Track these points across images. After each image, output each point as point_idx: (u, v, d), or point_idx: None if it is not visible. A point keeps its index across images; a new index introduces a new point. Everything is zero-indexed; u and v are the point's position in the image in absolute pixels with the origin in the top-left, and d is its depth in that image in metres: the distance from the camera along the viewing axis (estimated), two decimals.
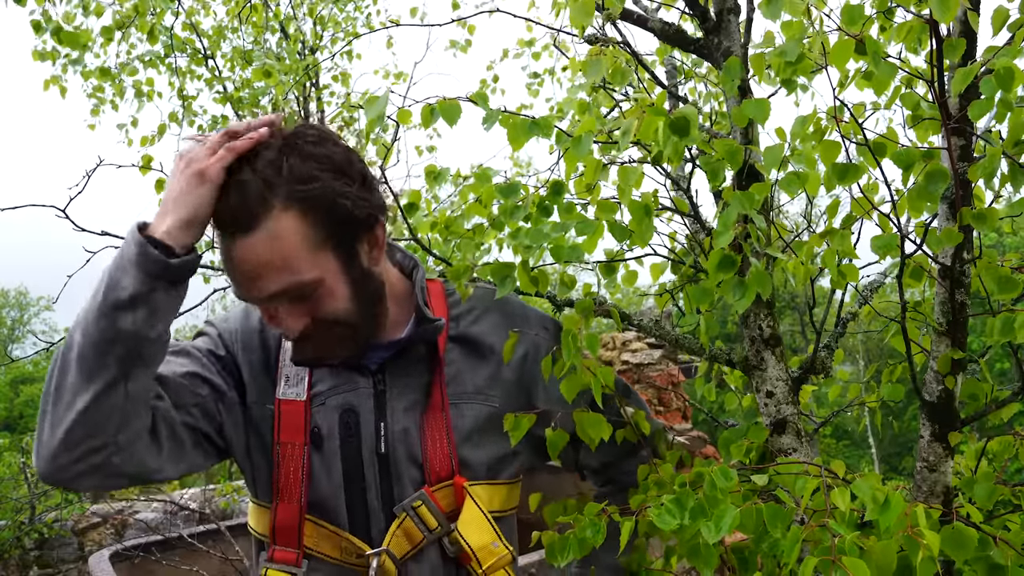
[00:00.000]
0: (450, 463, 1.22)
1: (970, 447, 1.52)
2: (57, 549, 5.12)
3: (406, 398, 1.23)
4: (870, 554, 0.91)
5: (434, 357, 1.25)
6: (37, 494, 5.39)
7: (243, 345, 1.26)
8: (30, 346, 36.52)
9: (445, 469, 1.21)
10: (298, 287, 1.09)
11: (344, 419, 1.21)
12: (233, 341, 1.26)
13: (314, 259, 1.09)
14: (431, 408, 1.22)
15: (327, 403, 1.22)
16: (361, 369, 1.23)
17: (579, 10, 1.37)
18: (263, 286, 1.08)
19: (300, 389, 1.22)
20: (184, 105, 5.41)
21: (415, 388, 1.24)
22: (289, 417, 1.21)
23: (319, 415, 1.21)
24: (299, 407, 1.21)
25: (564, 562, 1.14)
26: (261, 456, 1.23)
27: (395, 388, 1.23)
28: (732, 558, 1.12)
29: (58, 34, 3.51)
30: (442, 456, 1.21)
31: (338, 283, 1.12)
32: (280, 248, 1.06)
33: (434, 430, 1.22)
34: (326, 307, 1.12)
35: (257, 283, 1.08)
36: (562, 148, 1.29)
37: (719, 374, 1.90)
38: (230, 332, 1.28)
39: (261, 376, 1.24)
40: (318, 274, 1.10)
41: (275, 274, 1.07)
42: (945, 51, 1.18)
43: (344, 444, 1.20)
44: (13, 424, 27.34)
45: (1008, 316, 1.25)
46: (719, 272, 1.20)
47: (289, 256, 1.07)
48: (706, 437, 5.69)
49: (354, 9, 6.27)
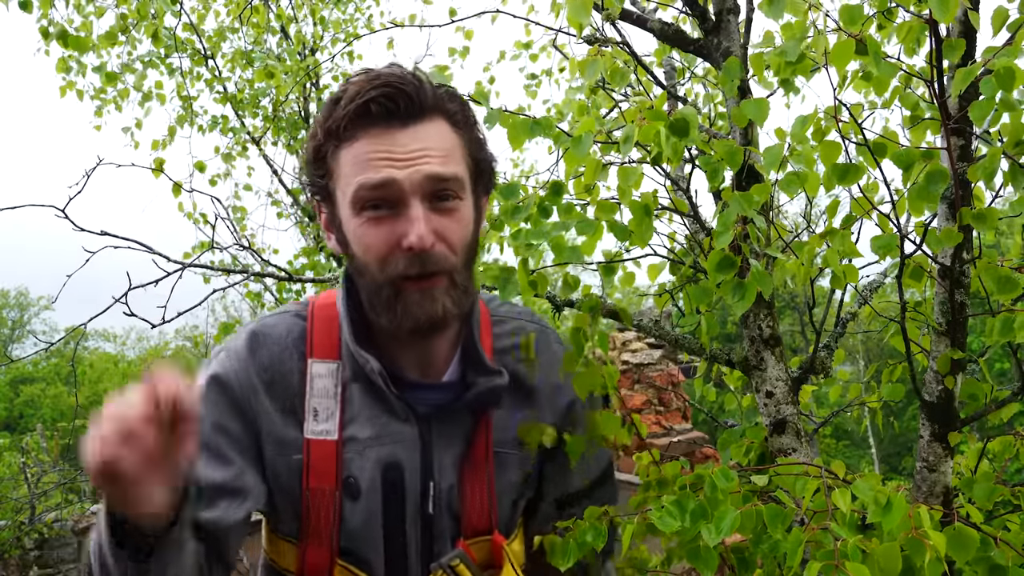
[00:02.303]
0: (489, 519, 1.15)
1: (970, 447, 1.52)
2: (57, 549, 5.13)
3: (452, 451, 1.13)
4: (873, 557, 0.91)
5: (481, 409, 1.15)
6: (37, 494, 5.39)
7: (264, 385, 1.10)
8: (30, 346, 36.60)
9: (483, 523, 1.15)
10: (459, 182, 1.03)
11: (388, 476, 1.10)
12: (248, 385, 1.10)
13: (465, 170, 1.05)
14: (473, 460, 1.13)
15: (366, 453, 1.10)
16: (407, 416, 1.11)
17: (576, 8, 1.36)
18: (439, 169, 1.01)
19: (331, 426, 1.10)
20: (185, 106, 5.41)
21: (459, 437, 1.13)
22: (319, 461, 1.10)
23: (354, 464, 1.09)
24: (330, 450, 1.09)
25: (566, 565, 1.12)
26: (286, 501, 1.12)
27: (441, 439, 1.12)
28: (732, 557, 1.12)
29: (64, 38, 3.51)
30: (481, 511, 1.14)
31: (467, 212, 1.06)
32: (448, 140, 1.04)
33: (474, 483, 1.13)
34: (456, 229, 1.04)
35: (426, 162, 1.01)
36: (562, 148, 1.29)
37: (719, 374, 1.90)
38: (242, 375, 1.10)
39: (284, 419, 1.10)
40: (467, 184, 1.05)
41: (448, 160, 1.02)
42: (945, 51, 1.18)
43: (387, 503, 1.11)
44: (13, 424, 27.33)
45: (1008, 316, 1.25)
46: (718, 273, 1.20)
47: (455, 149, 1.04)
48: (706, 437, 5.69)
49: (355, 10, 6.28)
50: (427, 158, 1.01)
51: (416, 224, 0.99)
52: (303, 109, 6.48)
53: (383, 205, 1.01)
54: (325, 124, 1.03)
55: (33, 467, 5.94)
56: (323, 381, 1.11)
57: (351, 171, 1.01)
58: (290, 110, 6.24)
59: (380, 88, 1.00)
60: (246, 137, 5.90)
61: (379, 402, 1.11)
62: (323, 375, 1.11)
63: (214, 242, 2.79)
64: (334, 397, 1.11)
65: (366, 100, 0.99)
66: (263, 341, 1.12)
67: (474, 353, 1.12)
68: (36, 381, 29.70)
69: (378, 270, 1.03)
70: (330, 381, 1.11)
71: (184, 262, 2.25)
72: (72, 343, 3.05)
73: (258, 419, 1.10)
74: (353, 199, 1.01)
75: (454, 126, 1.05)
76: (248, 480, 1.09)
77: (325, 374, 1.11)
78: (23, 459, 5.99)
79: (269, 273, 2.85)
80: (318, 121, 1.05)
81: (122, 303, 2.06)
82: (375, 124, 1.01)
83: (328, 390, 1.11)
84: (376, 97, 1.00)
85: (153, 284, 2.21)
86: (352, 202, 1.02)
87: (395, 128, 1.01)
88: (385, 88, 1.00)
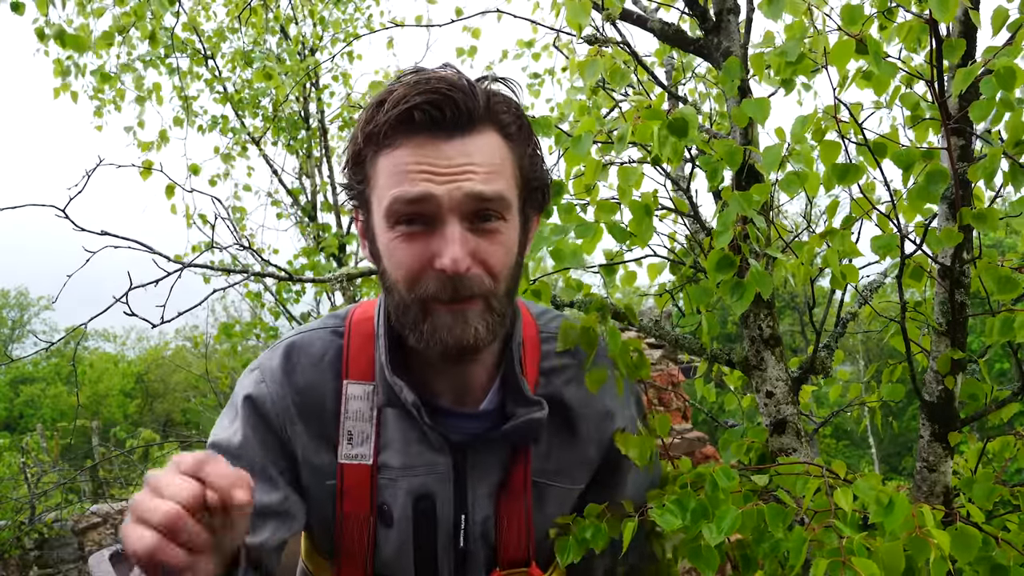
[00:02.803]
0: (526, 552, 1.11)
1: (970, 447, 1.52)
2: (57, 549, 5.12)
3: (488, 481, 1.08)
4: (877, 555, 0.91)
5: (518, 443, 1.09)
6: (37, 494, 5.39)
7: (298, 410, 1.06)
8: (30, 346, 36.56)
9: (520, 555, 1.11)
10: (504, 202, 0.95)
11: (419, 506, 1.06)
12: (284, 410, 1.07)
13: (513, 188, 0.98)
14: (511, 490, 1.08)
15: (398, 482, 1.06)
16: (440, 446, 1.07)
17: (576, 10, 1.37)
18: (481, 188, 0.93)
19: (366, 450, 1.06)
20: (184, 106, 5.42)
21: (496, 467, 1.08)
22: (353, 487, 1.06)
23: (387, 491, 1.06)
24: (364, 474, 1.06)
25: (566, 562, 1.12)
26: (320, 525, 1.10)
27: (476, 469, 1.08)
28: (736, 554, 1.12)
29: (61, 38, 3.50)
30: (519, 543, 1.10)
31: (513, 234, 0.98)
32: (496, 154, 0.96)
33: (511, 513, 1.09)
34: (497, 253, 0.96)
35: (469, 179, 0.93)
36: (562, 148, 1.29)
37: (719, 374, 1.91)
38: (278, 400, 1.07)
39: (318, 444, 1.07)
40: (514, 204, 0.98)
41: (493, 176, 0.94)
42: (945, 51, 1.18)
43: (418, 532, 1.07)
44: (13, 424, 27.34)
45: (1008, 316, 1.25)
46: (718, 273, 1.20)
47: (503, 164, 0.96)
48: (706, 437, 5.69)
49: (354, 10, 6.28)
50: (470, 174, 0.93)
51: (451, 245, 0.92)
52: (303, 109, 6.48)
53: (418, 221, 0.94)
54: (366, 128, 0.96)
55: (33, 467, 5.95)
56: (358, 403, 1.07)
57: (388, 181, 0.95)
58: (290, 110, 6.24)
59: (427, 94, 0.92)
60: (246, 137, 5.90)
61: (413, 429, 1.07)
62: (359, 397, 1.07)
63: (214, 242, 2.80)
64: (369, 420, 1.07)
65: (411, 106, 0.92)
66: (298, 361, 1.08)
67: (513, 382, 1.06)
68: (36, 381, 29.70)
69: (407, 289, 0.97)
70: (365, 404, 1.07)
71: (184, 262, 2.25)
72: (72, 343, 3.05)
73: (293, 441, 1.07)
74: (387, 211, 0.95)
75: (506, 139, 0.98)
76: (292, 503, 1.07)
77: (361, 396, 1.07)
78: (23, 459, 5.99)
79: (269, 273, 2.85)
80: (359, 124, 0.98)
81: (122, 303, 2.06)
82: (418, 132, 0.93)
83: (363, 413, 1.07)
84: (421, 104, 0.92)
85: (153, 284, 2.21)
86: (386, 214, 0.95)
87: (440, 139, 0.93)
88: (432, 95, 0.92)
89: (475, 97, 0.94)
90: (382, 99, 0.96)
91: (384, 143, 0.95)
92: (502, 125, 0.97)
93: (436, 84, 0.93)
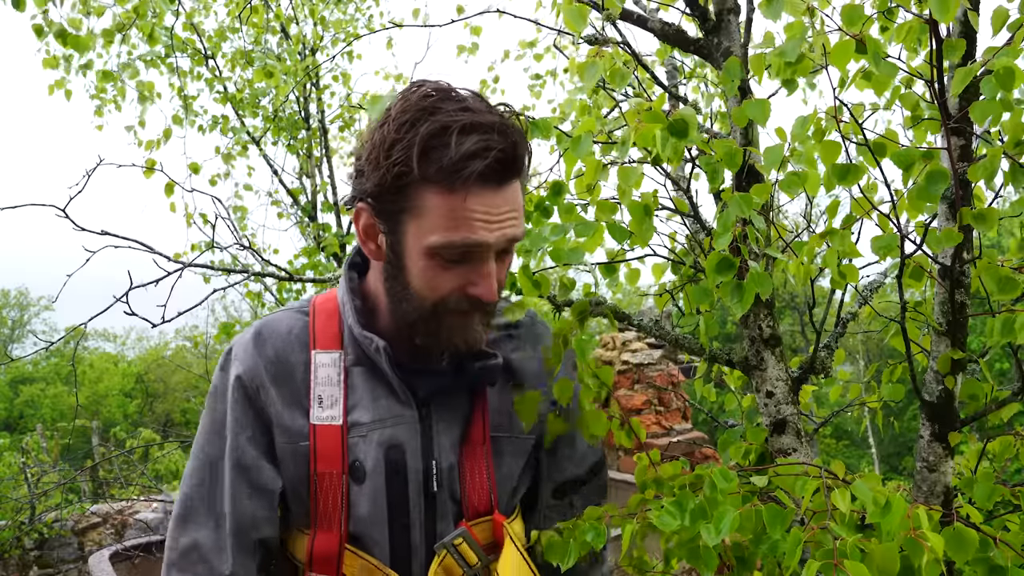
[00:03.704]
0: (489, 499, 1.19)
1: (970, 447, 1.52)
2: (57, 549, 5.13)
3: (451, 433, 1.18)
4: (872, 557, 0.91)
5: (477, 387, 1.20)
6: (37, 494, 5.39)
7: (272, 378, 1.15)
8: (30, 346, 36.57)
9: (484, 505, 1.19)
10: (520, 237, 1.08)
11: (390, 456, 1.14)
12: (257, 376, 1.16)
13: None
14: (471, 442, 1.18)
15: (369, 436, 1.14)
16: (407, 399, 1.16)
17: (573, 14, 1.37)
18: (516, 232, 1.05)
19: (336, 412, 1.15)
20: (185, 105, 5.41)
21: (458, 421, 1.19)
22: (326, 445, 1.14)
23: (359, 448, 1.14)
24: (335, 433, 1.14)
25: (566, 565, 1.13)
26: (295, 489, 1.17)
27: (441, 422, 1.17)
28: (730, 556, 1.12)
29: (63, 37, 3.50)
30: (481, 492, 1.19)
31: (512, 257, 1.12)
32: (520, 198, 1.06)
33: (473, 465, 1.18)
34: (504, 274, 1.10)
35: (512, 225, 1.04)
36: (562, 148, 1.29)
37: (719, 374, 1.91)
38: (250, 368, 1.16)
39: (291, 410, 1.15)
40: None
41: (521, 219, 1.06)
42: (945, 51, 1.18)
43: (390, 482, 1.15)
44: (13, 424, 27.33)
45: (1008, 316, 1.25)
46: (718, 274, 1.20)
47: (522, 205, 1.08)
48: (706, 437, 5.69)
49: (355, 10, 6.28)
50: (512, 220, 1.03)
51: (490, 281, 1.04)
52: (303, 109, 6.48)
53: (462, 258, 1.04)
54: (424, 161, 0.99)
55: (33, 467, 5.95)
56: (326, 370, 1.16)
57: (443, 222, 1.00)
58: (290, 110, 6.24)
59: (499, 150, 0.98)
60: (246, 137, 5.90)
61: (381, 385, 1.16)
62: (326, 364, 1.16)
63: (214, 242, 2.80)
64: (337, 384, 1.16)
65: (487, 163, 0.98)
66: (268, 336, 1.18)
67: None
68: (36, 381, 29.69)
69: (432, 304, 1.07)
70: (333, 369, 1.16)
71: (184, 262, 2.25)
72: (72, 343, 3.05)
73: (267, 408, 1.15)
74: (437, 247, 1.02)
75: (522, 184, 1.07)
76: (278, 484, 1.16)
77: (328, 363, 1.16)
78: (23, 459, 6.00)
79: (269, 273, 2.85)
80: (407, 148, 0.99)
81: (122, 302, 2.06)
82: (483, 185, 0.99)
83: (331, 378, 1.16)
84: (496, 160, 0.98)
85: (153, 284, 2.21)
86: (434, 248, 1.02)
87: (493, 188, 1.00)
88: (503, 152, 0.99)
89: (521, 148, 1.02)
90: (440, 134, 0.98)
91: (445, 183, 0.99)
92: (523, 173, 1.06)
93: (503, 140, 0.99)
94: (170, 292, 2.23)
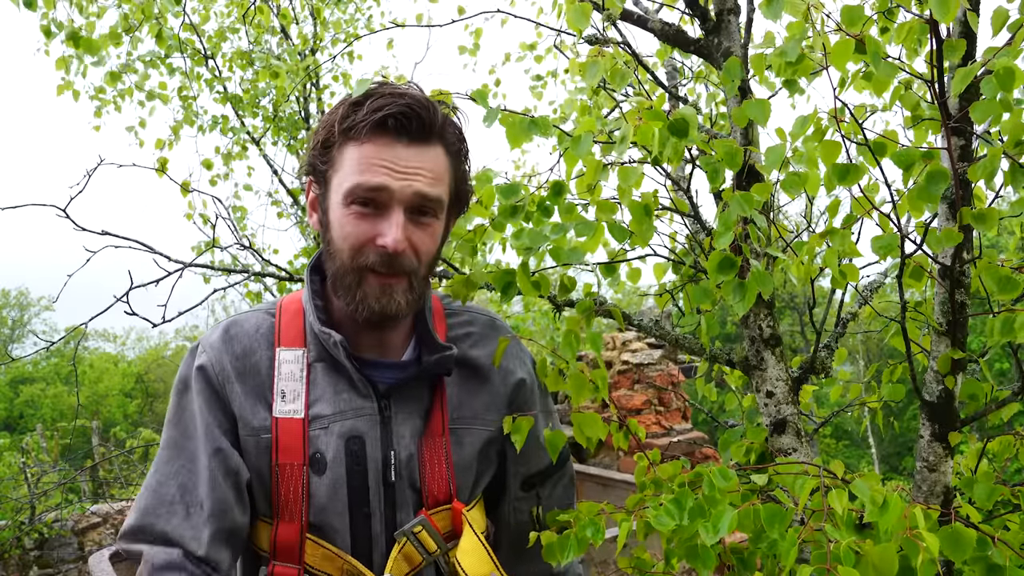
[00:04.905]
0: (448, 488, 1.24)
1: (970, 447, 1.53)
2: (57, 549, 5.13)
3: (410, 424, 1.23)
4: (868, 557, 0.91)
5: (436, 381, 1.26)
6: (37, 494, 5.39)
7: (236, 373, 1.21)
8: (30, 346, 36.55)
9: (443, 494, 1.23)
10: (439, 204, 1.17)
11: (350, 447, 1.19)
12: (222, 371, 1.21)
13: (446, 194, 1.19)
14: (431, 433, 1.23)
15: (331, 428, 1.19)
16: (367, 392, 1.22)
17: (576, 13, 1.37)
18: (427, 190, 1.14)
19: (297, 406, 1.20)
20: (185, 105, 5.41)
21: (418, 413, 1.24)
22: (287, 438, 1.19)
23: (320, 439, 1.19)
24: (296, 427, 1.19)
25: (565, 561, 1.15)
26: (257, 480, 1.21)
27: (400, 414, 1.22)
28: (731, 557, 1.12)
29: (74, 39, 3.50)
30: (440, 481, 1.23)
31: (439, 229, 1.20)
32: (440, 166, 1.17)
33: (433, 455, 1.23)
34: (426, 242, 1.17)
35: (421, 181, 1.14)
36: (562, 148, 1.29)
37: (719, 374, 1.91)
38: (216, 363, 1.21)
39: (254, 404, 1.20)
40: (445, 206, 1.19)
41: (436, 183, 1.16)
42: (945, 51, 1.18)
43: (351, 473, 1.19)
44: (13, 424, 27.32)
45: (1008, 316, 1.25)
46: (719, 273, 1.20)
47: (444, 175, 1.18)
48: (706, 437, 5.69)
49: (355, 11, 6.27)
50: (420, 177, 1.14)
51: (394, 229, 1.12)
52: (303, 109, 6.48)
53: (370, 204, 1.13)
54: (342, 123, 1.14)
55: (33, 467, 5.95)
56: (290, 366, 1.22)
57: (353, 168, 1.13)
58: (290, 110, 6.24)
59: (401, 107, 1.12)
60: (246, 137, 5.90)
61: (342, 380, 1.21)
62: (290, 360, 1.22)
63: (215, 242, 2.79)
64: (300, 379, 1.21)
65: (386, 114, 1.12)
66: (235, 333, 1.24)
67: (427, 336, 1.25)
68: (36, 381, 29.67)
69: (349, 257, 1.15)
70: (296, 366, 1.22)
71: (185, 262, 2.25)
72: (72, 343, 3.05)
73: (232, 402, 1.20)
74: (347, 192, 1.13)
75: (448, 155, 1.18)
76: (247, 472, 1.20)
77: (292, 360, 1.22)
78: (23, 459, 6.00)
79: (269, 273, 2.85)
80: (333, 116, 1.16)
81: (123, 302, 2.06)
82: (386, 135, 1.13)
83: (294, 373, 1.22)
84: (395, 113, 1.12)
85: (154, 284, 2.21)
86: (346, 194, 1.13)
87: (402, 144, 1.13)
88: (405, 108, 1.12)
89: (435, 116, 1.15)
90: (359, 101, 1.15)
91: (356, 137, 1.13)
92: (448, 143, 1.18)
93: (409, 101, 1.13)
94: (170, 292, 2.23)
